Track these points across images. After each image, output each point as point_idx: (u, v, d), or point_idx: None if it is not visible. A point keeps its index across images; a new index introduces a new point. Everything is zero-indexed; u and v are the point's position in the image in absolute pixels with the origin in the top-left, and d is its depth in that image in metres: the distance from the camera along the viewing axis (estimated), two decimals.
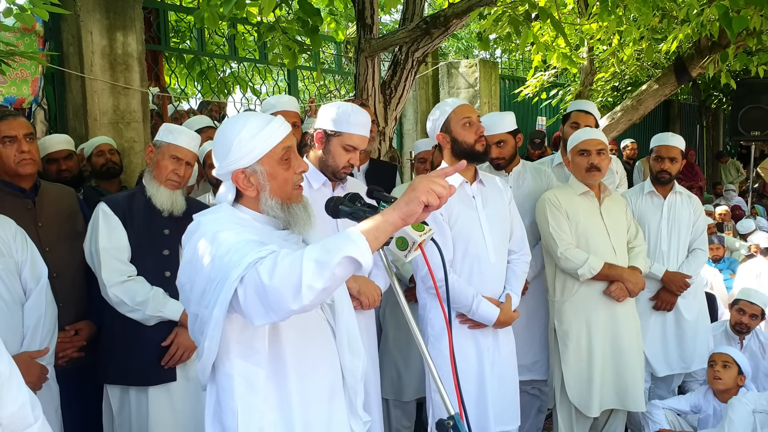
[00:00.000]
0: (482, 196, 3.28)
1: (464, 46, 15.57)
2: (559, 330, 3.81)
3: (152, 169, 3.14)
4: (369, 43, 5.04)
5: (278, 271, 1.59)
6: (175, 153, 3.11)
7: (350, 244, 1.58)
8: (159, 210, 3.10)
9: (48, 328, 2.90)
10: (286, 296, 1.59)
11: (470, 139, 3.17)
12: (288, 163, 1.97)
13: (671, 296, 4.22)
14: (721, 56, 6.46)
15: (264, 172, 1.94)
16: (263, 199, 1.96)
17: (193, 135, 3.20)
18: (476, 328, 3.22)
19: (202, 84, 6.78)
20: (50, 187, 3.37)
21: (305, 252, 1.60)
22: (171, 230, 3.11)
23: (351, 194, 1.99)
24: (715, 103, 13.80)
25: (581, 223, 3.74)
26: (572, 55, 6.84)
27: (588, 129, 3.86)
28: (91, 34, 4.95)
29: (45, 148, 4.15)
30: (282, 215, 1.97)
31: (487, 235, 3.21)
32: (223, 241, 1.77)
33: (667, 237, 4.30)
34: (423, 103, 9.35)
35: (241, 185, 1.96)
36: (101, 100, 5.00)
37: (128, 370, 3.04)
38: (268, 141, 1.93)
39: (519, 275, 3.36)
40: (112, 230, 3.04)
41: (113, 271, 3.00)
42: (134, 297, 2.98)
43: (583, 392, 3.75)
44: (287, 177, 1.97)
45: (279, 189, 1.96)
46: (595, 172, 3.70)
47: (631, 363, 3.78)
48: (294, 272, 1.57)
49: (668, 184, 4.33)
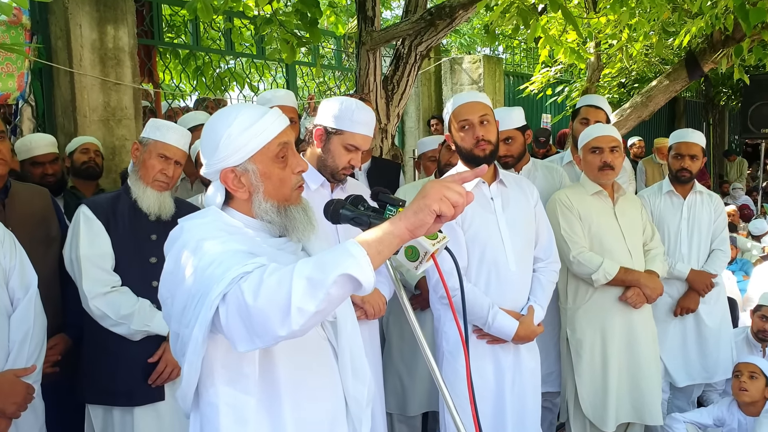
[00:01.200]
0: (503, 197, 3.01)
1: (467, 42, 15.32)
2: (571, 339, 3.60)
3: (138, 168, 2.92)
4: (371, 35, 4.83)
5: (264, 289, 1.38)
6: (163, 151, 2.89)
7: (349, 259, 1.37)
8: (146, 213, 2.88)
9: (36, 342, 2.63)
10: (272, 319, 1.37)
11: (467, 143, 2.91)
12: (285, 161, 1.75)
13: (694, 299, 4.02)
14: (735, 50, 6.24)
15: (257, 171, 1.72)
16: (256, 202, 1.74)
17: (183, 132, 2.98)
18: (495, 344, 2.95)
19: (198, 80, 6.58)
20: (21, 188, 3.14)
21: (296, 268, 1.38)
22: (159, 235, 2.89)
23: (353, 196, 1.76)
24: (723, 100, 13.56)
25: (594, 224, 3.53)
26: (580, 49, 6.62)
27: (600, 125, 3.66)
28: (80, 27, 4.79)
29: (29, 150, 3.98)
30: (278, 220, 1.74)
31: (506, 240, 2.93)
32: (206, 252, 1.55)
33: (687, 238, 4.11)
34: (425, 100, 9.15)
35: (230, 186, 1.73)
36: (91, 97, 4.85)
37: (112, 389, 2.82)
38: (262, 136, 1.71)
39: (545, 285, 3.06)
40: (94, 236, 2.82)
41: (95, 282, 2.77)
42: (118, 310, 2.75)
43: (597, 405, 3.54)
44: (284, 177, 1.75)
45: (275, 190, 1.74)
46: (608, 170, 3.48)
47: (649, 374, 3.57)
48: (282, 291, 1.36)
49: (688, 183, 4.13)
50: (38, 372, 2.64)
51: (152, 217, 2.89)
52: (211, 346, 1.60)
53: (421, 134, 8.87)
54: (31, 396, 2.59)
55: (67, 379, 2.96)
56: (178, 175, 2.98)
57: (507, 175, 3.09)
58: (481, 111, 2.91)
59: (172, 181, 2.94)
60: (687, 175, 4.08)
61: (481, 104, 2.93)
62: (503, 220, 2.96)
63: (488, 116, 2.92)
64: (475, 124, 2.89)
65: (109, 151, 4.83)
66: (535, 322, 2.95)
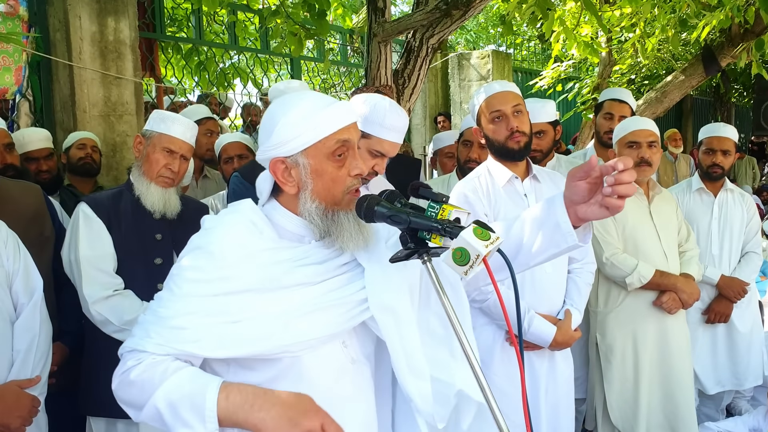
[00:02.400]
0: (536, 193, 2.81)
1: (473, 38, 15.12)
2: (601, 345, 3.40)
3: (141, 163, 2.73)
4: (382, 26, 4.63)
5: (136, 382, 1.49)
6: (168, 145, 2.70)
7: (196, 417, 1.39)
8: (150, 211, 2.69)
9: (42, 351, 2.42)
10: (129, 406, 1.55)
11: (500, 136, 2.71)
12: (342, 161, 1.57)
13: (727, 305, 3.83)
14: (756, 44, 6.05)
15: (308, 167, 1.55)
16: (302, 200, 1.57)
17: (189, 124, 2.79)
18: (530, 350, 2.75)
19: (200, 75, 6.38)
20: (11, 185, 2.93)
21: (164, 386, 1.44)
22: (164, 235, 2.72)
23: (388, 192, 1.56)
24: (735, 97, 13.36)
25: (629, 224, 3.33)
26: (594, 43, 6.42)
27: (638, 118, 3.46)
28: (79, 19, 4.65)
29: (23, 145, 3.80)
30: (321, 224, 1.56)
31: None
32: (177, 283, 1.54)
33: (719, 239, 3.92)
34: (432, 97, 8.97)
35: (279, 178, 1.58)
36: (91, 91, 4.70)
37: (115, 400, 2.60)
38: (319, 129, 1.54)
39: (582, 288, 2.86)
40: (94, 236, 2.63)
41: (96, 285, 2.59)
42: (121, 315, 2.56)
43: (628, 415, 3.35)
44: (337, 177, 1.56)
45: (324, 190, 1.57)
46: (645, 167, 3.28)
47: (682, 382, 3.37)
48: (141, 397, 1.48)
49: (719, 180, 3.95)
50: (44, 383, 2.43)
51: (157, 215, 2.71)
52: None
53: (427, 131, 8.69)
54: (36, 409, 2.38)
55: (65, 389, 2.77)
56: (184, 171, 2.80)
57: (540, 170, 2.89)
58: (513, 101, 2.71)
59: (177, 176, 2.76)
60: (719, 171, 3.91)
61: (513, 94, 2.74)
62: None
63: (521, 106, 2.73)
64: (508, 114, 2.69)
65: (109, 147, 4.66)
66: (572, 327, 2.75)
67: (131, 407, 1.52)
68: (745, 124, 15.64)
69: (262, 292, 1.51)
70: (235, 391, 1.40)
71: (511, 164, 2.79)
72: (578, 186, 1.56)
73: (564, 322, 2.75)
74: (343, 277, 1.59)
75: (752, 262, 3.91)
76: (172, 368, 1.45)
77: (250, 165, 3.20)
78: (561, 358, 2.82)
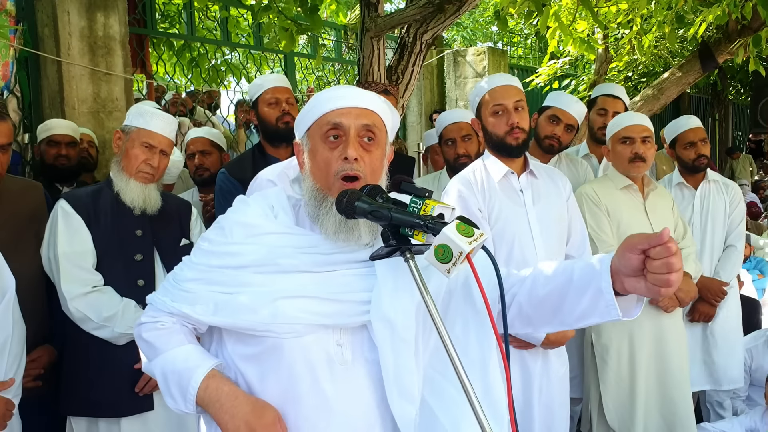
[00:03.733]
0: (533, 190, 2.76)
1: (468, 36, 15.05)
2: (597, 344, 3.34)
3: (120, 159, 2.68)
4: (375, 21, 4.57)
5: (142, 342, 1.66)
6: (147, 140, 2.65)
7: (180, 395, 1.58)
8: (130, 208, 2.64)
9: (15, 353, 2.33)
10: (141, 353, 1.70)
11: (500, 130, 2.68)
12: (335, 144, 1.57)
13: (709, 307, 3.74)
14: (753, 40, 5.99)
15: (307, 147, 1.63)
16: (305, 180, 1.63)
17: (169, 118, 2.74)
18: (522, 348, 2.70)
19: (192, 72, 6.31)
20: (13, 182, 2.86)
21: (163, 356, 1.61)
22: (144, 231, 2.67)
23: (370, 186, 1.50)
24: (732, 94, 13.31)
25: (624, 221, 3.28)
26: (590, 39, 6.37)
27: (631, 113, 3.41)
28: (68, 13, 4.58)
29: (48, 129, 3.85)
30: (311, 205, 1.58)
31: (536, 236, 2.69)
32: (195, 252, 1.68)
33: (700, 233, 3.83)
34: (427, 94, 8.90)
35: (299, 159, 1.68)
36: (80, 87, 4.63)
37: (96, 399, 2.57)
38: (315, 110, 1.61)
39: None
40: (74, 232, 2.58)
41: (75, 281, 2.54)
42: (100, 311, 2.52)
43: (624, 416, 3.29)
44: (328, 159, 1.57)
45: (318, 171, 1.59)
46: (639, 162, 3.23)
47: (679, 382, 3.32)
48: (147, 355, 1.66)
49: (702, 172, 3.85)
50: (17, 386, 2.35)
51: (137, 211, 2.66)
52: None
53: (423, 129, 8.62)
54: (9, 413, 2.31)
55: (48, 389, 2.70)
56: (164, 167, 2.75)
57: (538, 166, 2.84)
58: (516, 96, 2.69)
59: (157, 172, 2.71)
60: (705, 161, 3.80)
61: (515, 89, 2.72)
62: (533, 215, 2.71)
63: (523, 102, 2.71)
64: (510, 109, 2.67)
65: (99, 144, 4.59)
66: None
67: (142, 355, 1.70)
68: (742, 122, 15.61)
69: (260, 272, 1.55)
70: (213, 387, 1.52)
71: (507, 159, 2.74)
72: (631, 259, 1.37)
73: None
74: (349, 273, 1.55)
75: (731, 258, 3.80)
76: (175, 341, 1.59)
77: (237, 161, 3.15)
78: (555, 356, 2.77)
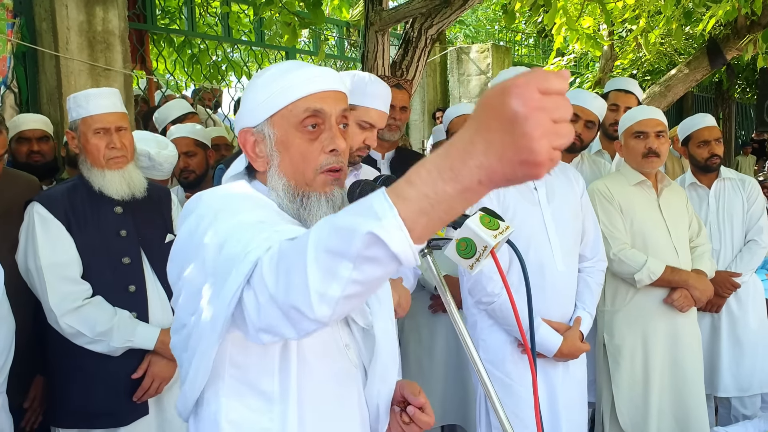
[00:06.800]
0: (547, 187, 2.67)
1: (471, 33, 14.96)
2: (609, 345, 3.26)
3: (84, 157, 2.49)
4: (379, 15, 4.49)
5: (281, 271, 1.02)
6: (96, 125, 2.45)
7: (372, 222, 0.91)
8: (109, 205, 2.48)
9: (3, 347, 2.20)
10: (299, 307, 1.00)
11: None
12: (314, 134, 1.36)
13: (718, 298, 3.64)
14: (762, 36, 5.90)
15: (273, 137, 1.37)
16: (270, 178, 1.38)
17: (109, 92, 2.53)
18: (539, 357, 2.61)
19: (193, 68, 6.22)
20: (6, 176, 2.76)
21: (311, 235, 0.98)
22: (128, 231, 2.50)
23: (384, 176, 1.41)
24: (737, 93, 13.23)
25: (637, 218, 3.18)
26: (597, 35, 6.28)
27: (644, 107, 3.32)
28: (66, 8, 4.49)
29: (17, 126, 3.70)
30: (290, 206, 1.35)
31: (552, 236, 2.59)
32: (223, 225, 1.21)
33: (718, 232, 3.74)
34: (431, 92, 8.82)
35: (248, 152, 1.40)
36: (78, 83, 4.52)
37: (91, 410, 2.43)
38: (286, 93, 1.35)
39: (593, 289, 2.72)
40: (55, 240, 2.39)
41: (63, 296, 2.36)
42: (94, 326, 2.35)
43: (637, 419, 3.20)
44: (308, 152, 1.35)
45: (292, 166, 1.36)
46: (653, 158, 3.14)
47: (694, 385, 3.23)
48: (299, 272, 0.98)
49: (715, 171, 3.77)
50: (3, 383, 2.21)
51: (126, 197, 2.48)
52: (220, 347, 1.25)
53: (426, 127, 8.54)
54: None
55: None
56: (130, 142, 2.53)
57: None
58: None
59: (127, 151, 2.50)
60: (718, 160, 3.73)
61: None
62: (548, 213, 2.62)
63: None
64: None
65: None
66: (583, 331, 2.62)
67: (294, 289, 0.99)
68: (747, 121, 15.53)
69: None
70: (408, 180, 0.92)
71: None
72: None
73: (572, 331, 2.61)
74: None
75: (751, 252, 3.71)
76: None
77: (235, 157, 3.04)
78: (574, 361, 2.68)
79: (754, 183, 3.86)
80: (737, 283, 3.66)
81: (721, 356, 3.72)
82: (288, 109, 1.35)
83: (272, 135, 1.36)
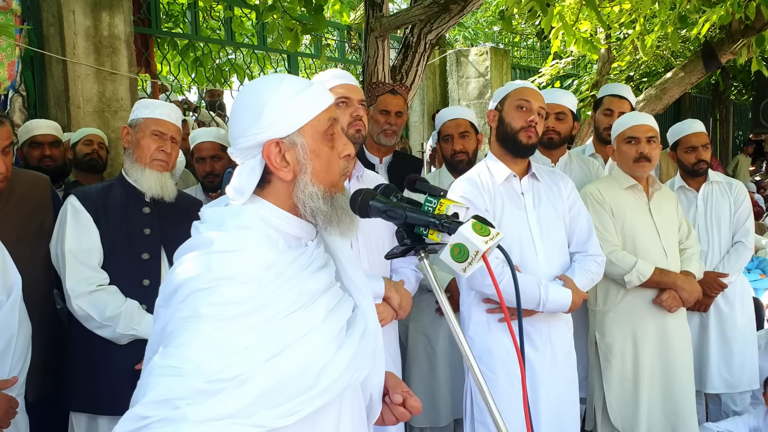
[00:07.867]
0: (534, 193, 2.78)
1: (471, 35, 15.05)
2: (600, 344, 3.35)
3: (132, 151, 2.69)
4: (379, 21, 4.59)
5: None
6: (156, 127, 2.67)
7: None
8: (140, 206, 2.65)
9: (20, 351, 2.33)
10: None
11: (517, 123, 2.70)
12: (333, 141, 1.47)
13: (706, 298, 3.74)
14: (756, 40, 6.00)
15: (306, 146, 1.43)
16: (301, 185, 1.43)
17: (173, 107, 2.77)
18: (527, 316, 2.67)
19: (196, 71, 6.34)
20: (20, 174, 2.86)
21: None
22: (153, 230, 2.67)
23: (384, 185, 1.51)
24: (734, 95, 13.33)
25: (628, 221, 3.28)
26: (593, 39, 6.38)
27: (636, 113, 3.41)
28: (73, 13, 4.60)
29: (29, 131, 3.86)
30: (325, 209, 1.44)
31: (537, 240, 2.70)
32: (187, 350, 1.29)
33: (706, 234, 3.83)
34: (430, 94, 8.91)
35: (273, 163, 1.42)
36: (85, 86, 4.64)
37: (97, 396, 2.56)
38: (312, 106, 1.44)
39: (585, 266, 2.79)
40: (82, 229, 2.58)
41: (80, 279, 2.53)
42: (103, 311, 2.51)
43: (627, 415, 3.30)
44: (330, 158, 1.46)
45: (324, 172, 1.45)
46: (644, 162, 3.23)
47: (683, 382, 3.32)
48: None
49: (703, 175, 3.86)
50: (21, 384, 2.35)
51: (156, 197, 2.67)
52: None
53: (425, 129, 8.63)
54: (13, 411, 2.30)
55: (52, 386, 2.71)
56: (176, 155, 2.76)
57: (540, 169, 2.86)
58: (542, 103, 2.76)
59: (171, 159, 2.72)
60: (705, 166, 3.80)
61: (542, 99, 2.80)
62: (534, 218, 2.73)
63: (544, 112, 2.78)
64: (533, 109, 2.71)
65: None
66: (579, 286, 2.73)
67: None
68: (743, 122, 15.62)
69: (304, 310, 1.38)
70: None
71: (511, 161, 2.76)
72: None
73: (569, 281, 2.71)
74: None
75: (738, 253, 3.80)
76: None
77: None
78: (564, 358, 2.77)
79: (741, 186, 3.95)
80: (724, 283, 3.75)
81: (709, 354, 3.81)
82: (317, 119, 1.44)
83: (305, 144, 1.43)
